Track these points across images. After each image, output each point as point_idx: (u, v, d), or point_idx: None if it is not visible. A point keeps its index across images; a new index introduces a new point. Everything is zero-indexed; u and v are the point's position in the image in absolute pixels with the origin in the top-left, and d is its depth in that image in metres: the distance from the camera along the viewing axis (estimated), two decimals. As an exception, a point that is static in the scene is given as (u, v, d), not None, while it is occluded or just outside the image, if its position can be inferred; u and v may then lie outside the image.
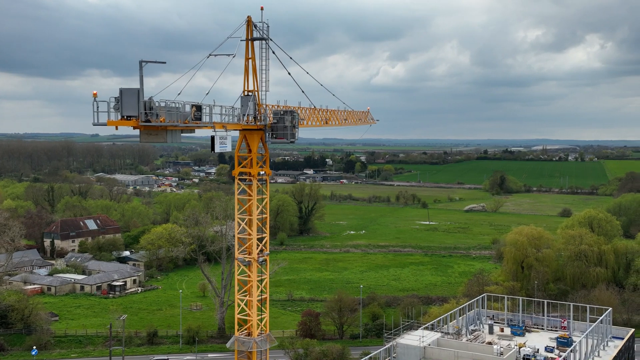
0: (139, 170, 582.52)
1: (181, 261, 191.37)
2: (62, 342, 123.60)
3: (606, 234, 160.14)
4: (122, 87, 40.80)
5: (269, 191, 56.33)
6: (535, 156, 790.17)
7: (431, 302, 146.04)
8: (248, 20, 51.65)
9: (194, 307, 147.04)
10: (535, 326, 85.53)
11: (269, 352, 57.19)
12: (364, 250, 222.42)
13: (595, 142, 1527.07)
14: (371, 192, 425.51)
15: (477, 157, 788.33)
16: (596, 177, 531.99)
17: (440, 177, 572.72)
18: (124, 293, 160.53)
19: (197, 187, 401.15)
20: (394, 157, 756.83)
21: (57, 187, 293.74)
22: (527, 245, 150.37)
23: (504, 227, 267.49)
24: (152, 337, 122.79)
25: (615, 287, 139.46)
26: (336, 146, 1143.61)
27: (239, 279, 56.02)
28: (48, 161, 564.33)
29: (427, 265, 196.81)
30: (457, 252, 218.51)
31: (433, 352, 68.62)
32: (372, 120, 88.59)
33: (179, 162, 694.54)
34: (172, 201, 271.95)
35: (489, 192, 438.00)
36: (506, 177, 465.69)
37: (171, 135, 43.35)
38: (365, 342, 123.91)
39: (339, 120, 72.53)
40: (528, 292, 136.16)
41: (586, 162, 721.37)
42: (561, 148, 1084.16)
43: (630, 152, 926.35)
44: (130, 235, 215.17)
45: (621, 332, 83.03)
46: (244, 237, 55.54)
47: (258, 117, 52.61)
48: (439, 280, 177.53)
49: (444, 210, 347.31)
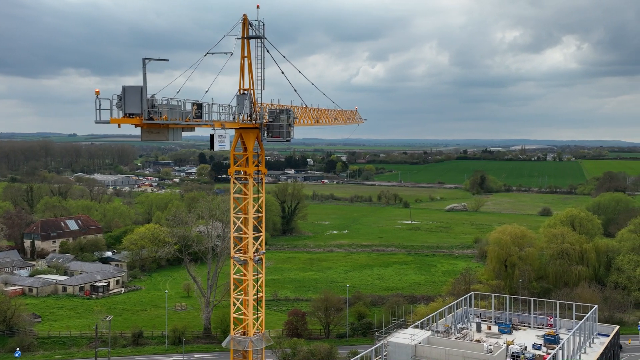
0: (119, 171, 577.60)
1: (164, 261, 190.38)
2: (46, 344, 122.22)
3: (587, 233, 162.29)
4: (125, 85, 40.61)
5: (264, 190, 56.29)
6: (514, 156, 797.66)
7: (416, 301, 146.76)
8: (244, 19, 51.58)
9: (179, 308, 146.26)
10: (522, 324, 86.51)
11: (264, 351, 57.14)
12: (348, 250, 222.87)
13: (572, 142, 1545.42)
14: (353, 191, 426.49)
15: (457, 157, 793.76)
16: (574, 176, 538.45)
17: (420, 176, 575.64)
18: (107, 294, 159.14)
19: (178, 187, 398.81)
20: (374, 157, 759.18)
21: (36, 187, 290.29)
22: (511, 244, 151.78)
23: (485, 227, 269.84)
24: (137, 338, 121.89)
25: (596, 285, 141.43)
26: (316, 146, 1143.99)
27: (235, 278, 55.85)
28: (25, 161, 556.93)
29: (411, 265, 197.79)
30: (440, 251, 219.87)
31: (424, 350, 69.06)
32: (360, 119, 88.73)
33: (159, 162, 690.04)
34: (153, 201, 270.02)
35: (469, 192, 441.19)
36: (486, 177, 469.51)
37: (172, 133, 43.17)
38: (352, 341, 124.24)
39: (329, 120, 72.56)
40: (512, 291, 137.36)
41: (564, 162, 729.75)
42: (539, 148, 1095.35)
43: (607, 152, 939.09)
44: (112, 235, 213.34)
45: (606, 329, 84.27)
46: (240, 236, 55.43)
47: (254, 115, 52.54)
48: (422, 279, 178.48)
49: (425, 209, 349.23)
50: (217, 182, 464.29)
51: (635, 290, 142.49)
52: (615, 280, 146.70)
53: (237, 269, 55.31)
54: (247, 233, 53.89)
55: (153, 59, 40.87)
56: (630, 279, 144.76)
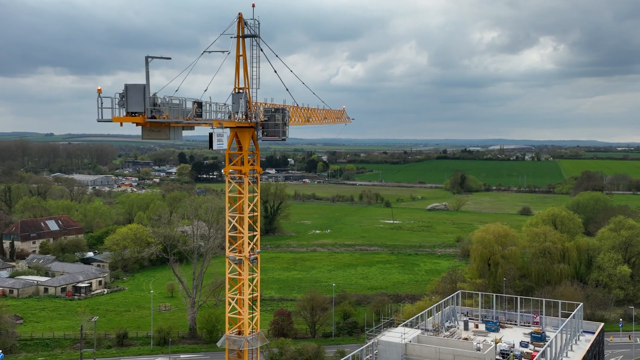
0: (98, 170, 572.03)
1: (147, 262, 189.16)
2: (29, 346, 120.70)
3: (569, 232, 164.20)
4: (127, 83, 40.27)
5: (259, 189, 56.16)
6: (493, 156, 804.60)
7: (401, 300, 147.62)
8: (239, 18, 51.44)
9: (163, 308, 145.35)
10: (508, 322, 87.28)
11: (259, 350, 57.03)
12: (331, 250, 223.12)
13: (549, 142, 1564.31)
14: (334, 191, 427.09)
15: (436, 156, 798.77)
16: (552, 176, 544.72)
17: (401, 176, 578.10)
18: (89, 294, 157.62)
19: (159, 187, 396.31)
20: (355, 157, 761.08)
21: (14, 187, 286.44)
22: (494, 242, 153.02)
23: (466, 226, 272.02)
24: (122, 339, 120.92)
25: (578, 283, 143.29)
26: (296, 146, 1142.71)
27: (230, 277, 55.68)
28: (1, 161, 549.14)
29: (394, 264, 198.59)
30: (423, 250, 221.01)
31: (414, 348, 69.33)
32: (347, 119, 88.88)
33: (139, 162, 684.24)
34: (134, 201, 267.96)
35: (450, 191, 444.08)
36: (466, 177, 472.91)
37: (174, 132, 42.92)
38: (338, 340, 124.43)
39: (319, 119, 72.56)
40: (495, 289, 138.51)
41: (542, 162, 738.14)
42: (517, 148, 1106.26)
43: (584, 152, 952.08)
44: (94, 235, 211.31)
45: (591, 327, 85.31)
46: (235, 235, 55.27)
47: (249, 114, 52.42)
48: (406, 278, 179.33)
49: (407, 209, 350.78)
50: (197, 181, 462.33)
51: (615, 288, 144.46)
52: (596, 278, 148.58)
53: (232, 269, 55.14)
54: (242, 232, 53.77)
55: (156, 57, 40.62)
56: (611, 276, 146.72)
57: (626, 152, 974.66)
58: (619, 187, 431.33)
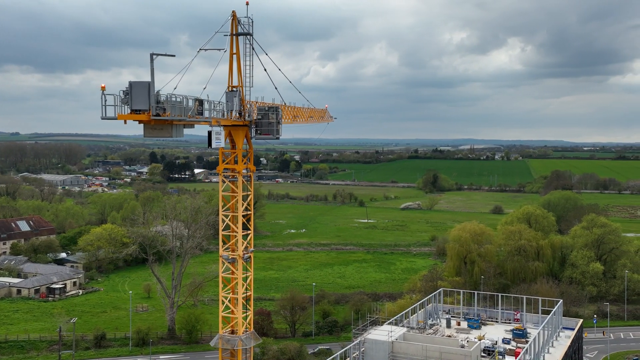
0: (67, 170, 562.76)
1: (122, 262, 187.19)
2: (3, 348, 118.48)
3: (543, 230, 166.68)
4: (131, 80, 39.85)
5: (252, 188, 56.04)
6: (463, 155, 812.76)
7: (379, 299, 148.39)
8: (233, 15, 51.24)
9: (140, 309, 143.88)
10: (489, 319, 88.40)
11: (252, 350, 56.84)
12: (307, 249, 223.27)
13: (518, 141, 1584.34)
14: (308, 190, 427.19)
15: (408, 156, 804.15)
16: (522, 175, 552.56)
17: (374, 175, 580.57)
18: (64, 296, 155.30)
19: (130, 187, 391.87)
20: (327, 156, 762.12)
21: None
22: (470, 241, 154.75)
23: (440, 225, 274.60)
24: (99, 340, 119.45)
25: (552, 280, 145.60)
26: (268, 145, 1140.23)
27: (223, 276, 55.42)
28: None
29: (370, 263, 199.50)
30: (398, 249, 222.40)
31: (401, 346, 69.81)
32: (330, 117, 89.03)
33: (109, 162, 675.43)
34: (107, 201, 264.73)
35: (422, 191, 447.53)
36: (439, 176, 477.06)
37: (176, 129, 42.60)
38: (318, 339, 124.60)
39: (305, 118, 72.60)
40: (471, 287, 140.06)
41: (512, 161, 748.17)
42: (487, 147, 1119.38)
43: (551, 151, 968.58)
44: (66, 236, 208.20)
45: (570, 323, 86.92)
46: (228, 234, 55.05)
47: (242, 113, 52.26)
48: (383, 277, 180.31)
49: (381, 208, 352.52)
50: (170, 181, 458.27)
51: (588, 285, 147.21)
52: (570, 276, 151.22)
53: (225, 268, 54.88)
54: (235, 231, 53.57)
55: (160, 54, 40.30)
56: (584, 274, 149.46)
57: (592, 152, 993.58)
58: (586, 186, 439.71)
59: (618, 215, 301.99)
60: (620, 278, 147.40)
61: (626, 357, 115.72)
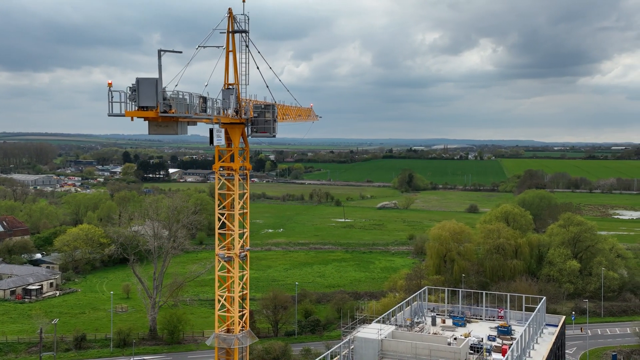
0: (38, 170, 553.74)
1: (99, 263, 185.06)
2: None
3: (520, 228, 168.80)
4: (138, 77, 39.32)
5: (248, 186, 55.80)
6: (437, 155, 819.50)
7: (360, 298, 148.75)
8: (229, 13, 50.98)
9: (120, 309, 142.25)
10: (474, 317, 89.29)
11: (248, 349, 56.60)
12: (285, 248, 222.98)
13: (490, 141, 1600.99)
14: (284, 190, 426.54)
15: (383, 155, 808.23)
16: (495, 174, 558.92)
17: (349, 175, 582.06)
18: (40, 297, 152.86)
19: (104, 187, 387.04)
20: (302, 156, 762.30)
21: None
22: (450, 239, 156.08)
23: (417, 224, 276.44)
24: (80, 342, 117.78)
25: (530, 278, 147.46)
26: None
27: (219, 274, 55.11)
28: None
29: (349, 262, 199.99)
30: (376, 248, 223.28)
31: (390, 344, 70.18)
32: (315, 116, 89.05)
33: (81, 162, 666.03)
34: (81, 201, 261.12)
35: (398, 190, 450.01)
36: (414, 175, 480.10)
37: (180, 127, 42.24)
38: (301, 338, 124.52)
39: (294, 116, 72.51)
40: (451, 285, 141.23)
41: (485, 161, 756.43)
42: (460, 147, 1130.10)
43: (523, 151, 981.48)
44: (41, 237, 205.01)
45: (553, 320, 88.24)
46: (224, 232, 54.76)
47: (239, 110, 52.03)
48: (362, 276, 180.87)
49: (357, 207, 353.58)
50: (144, 181, 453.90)
51: (565, 283, 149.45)
52: (548, 273, 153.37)
53: (221, 266, 54.60)
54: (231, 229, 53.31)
55: (168, 51, 39.97)
56: (561, 271, 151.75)
57: (563, 152, 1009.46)
58: (559, 185, 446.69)
59: (590, 214, 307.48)
60: (596, 275, 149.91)
61: (604, 354, 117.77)
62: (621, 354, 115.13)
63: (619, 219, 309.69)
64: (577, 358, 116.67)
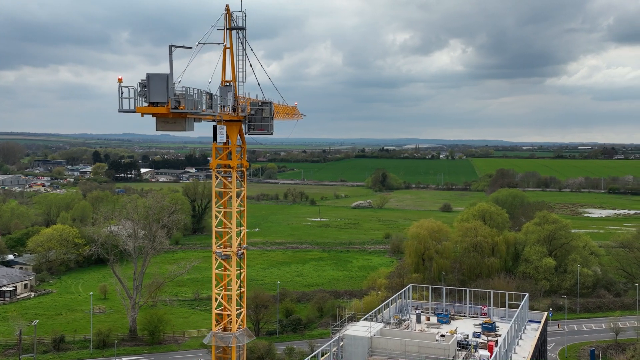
0: (5, 170, 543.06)
1: (73, 263, 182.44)
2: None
3: (497, 226, 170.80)
4: (149, 72, 38.85)
5: (245, 184, 55.54)
6: (409, 154, 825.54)
7: (340, 296, 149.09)
8: (227, 10, 50.73)
9: (97, 310, 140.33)
10: (458, 314, 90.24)
11: (245, 347, 56.32)
12: (262, 248, 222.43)
13: (460, 141, 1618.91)
14: (258, 190, 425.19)
15: (355, 155, 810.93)
16: (467, 174, 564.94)
17: (322, 174, 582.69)
18: (15, 299, 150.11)
19: (74, 187, 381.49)
20: (275, 156, 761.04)
21: None
22: (428, 238, 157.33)
23: (392, 223, 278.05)
24: (58, 343, 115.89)
25: (507, 275, 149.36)
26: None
27: (216, 273, 54.77)
28: None
29: (327, 261, 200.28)
30: (353, 247, 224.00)
31: (379, 342, 70.56)
32: (300, 115, 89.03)
33: (49, 161, 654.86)
34: (53, 201, 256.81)
35: (371, 189, 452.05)
36: (387, 175, 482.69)
37: (188, 123, 41.87)
38: (283, 337, 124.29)
39: (282, 114, 72.46)
40: (430, 283, 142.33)
41: (456, 160, 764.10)
42: (431, 147, 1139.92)
43: (492, 150, 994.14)
44: (13, 237, 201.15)
45: (536, 316, 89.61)
46: (221, 230, 54.46)
47: (237, 108, 51.76)
48: (340, 274, 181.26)
49: (332, 207, 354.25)
50: (116, 181, 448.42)
51: (542, 280, 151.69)
52: (524, 271, 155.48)
53: (218, 265, 54.28)
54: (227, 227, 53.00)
55: (178, 46, 39.55)
56: (537, 268, 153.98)
57: (532, 151, 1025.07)
58: (529, 184, 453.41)
59: (561, 212, 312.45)
60: (572, 272, 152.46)
61: (582, 349, 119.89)
62: (598, 349, 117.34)
63: (588, 217, 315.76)
64: (556, 354, 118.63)
